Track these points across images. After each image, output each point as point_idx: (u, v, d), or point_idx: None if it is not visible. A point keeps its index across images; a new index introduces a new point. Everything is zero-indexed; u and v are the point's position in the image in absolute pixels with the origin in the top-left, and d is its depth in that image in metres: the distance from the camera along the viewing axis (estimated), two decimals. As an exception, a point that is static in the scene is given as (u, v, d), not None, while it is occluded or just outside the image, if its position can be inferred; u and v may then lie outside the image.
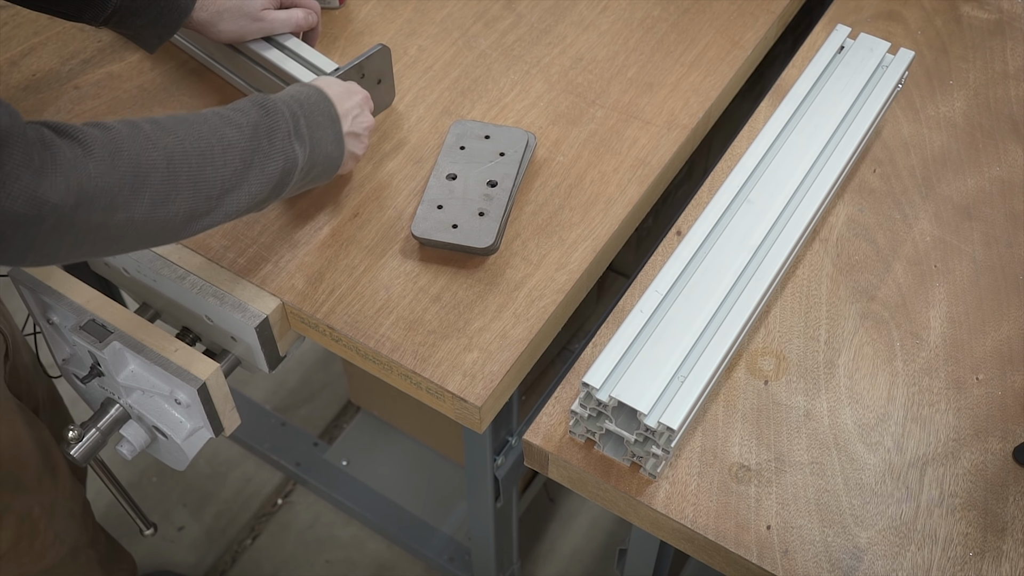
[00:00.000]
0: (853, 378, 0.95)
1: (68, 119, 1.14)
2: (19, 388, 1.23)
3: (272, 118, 0.89)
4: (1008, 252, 1.05)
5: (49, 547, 1.18)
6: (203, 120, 0.85)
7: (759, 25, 1.25)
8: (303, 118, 0.92)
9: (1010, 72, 1.22)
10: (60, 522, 1.19)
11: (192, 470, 1.87)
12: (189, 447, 1.07)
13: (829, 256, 1.04)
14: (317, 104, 0.94)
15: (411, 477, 1.81)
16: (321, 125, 0.94)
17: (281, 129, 0.89)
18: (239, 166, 0.85)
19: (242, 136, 0.86)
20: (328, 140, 0.95)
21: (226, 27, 1.06)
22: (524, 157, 1.07)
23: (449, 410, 0.96)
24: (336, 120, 0.96)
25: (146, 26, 1.02)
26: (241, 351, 1.05)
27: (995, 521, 0.86)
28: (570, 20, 1.26)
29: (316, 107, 0.94)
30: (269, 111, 0.89)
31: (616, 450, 0.90)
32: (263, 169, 0.87)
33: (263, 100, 0.90)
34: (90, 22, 1.02)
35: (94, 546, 1.30)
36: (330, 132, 0.95)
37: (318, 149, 0.94)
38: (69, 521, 1.22)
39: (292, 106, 0.91)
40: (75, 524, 1.24)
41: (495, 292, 1.00)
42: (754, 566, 0.84)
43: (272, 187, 0.89)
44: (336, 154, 0.97)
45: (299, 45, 1.12)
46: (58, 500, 1.19)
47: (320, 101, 0.95)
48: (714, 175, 1.11)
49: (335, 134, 0.96)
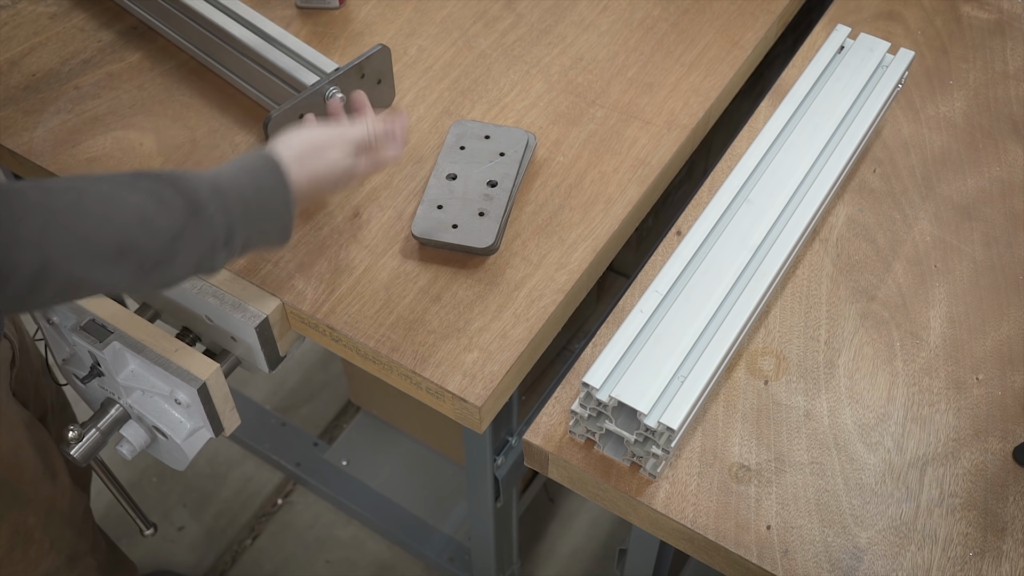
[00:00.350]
0: (853, 378, 0.95)
1: (68, 119, 1.14)
2: (26, 394, 1.23)
3: (200, 228, 0.80)
4: (1008, 252, 1.05)
5: (44, 555, 1.18)
6: (118, 211, 0.77)
7: (759, 25, 1.25)
8: (241, 228, 0.84)
9: (1010, 72, 1.22)
10: (56, 530, 1.19)
11: (192, 470, 1.87)
12: (189, 447, 1.07)
13: (829, 256, 1.04)
14: (266, 204, 0.87)
15: (411, 477, 1.81)
16: (263, 228, 0.87)
17: (204, 242, 0.81)
18: (141, 270, 0.78)
19: (155, 242, 0.78)
20: (270, 237, 0.89)
21: None
22: (524, 157, 1.07)
23: (449, 410, 0.96)
24: (286, 210, 0.88)
25: None
26: (241, 351, 1.05)
27: (995, 521, 0.86)
28: (570, 20, 1.26)
29: (264, 208, 0.86)
30: (200, 219, 0.80)
31: (616, 450, 0.90)
32: (164, 274, 0.81)
33: (196, 203, 0.80)
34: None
35: (94, 553, 1.29)
36: (274, 231, 0.89)
37: (250, 248, 0.88)
38: (66, 528, 1.21)
39: (231, 214, 0.83)
40: (72, 531, 1.23)
41: (495, 292, 1.00)
42: (754, 566, 0.84)
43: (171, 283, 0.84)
44: (277, 241, 0.90)
45: (299, 45, 1.12)
46: (56, 507, 1.18)
47: (272, 197, 0.87)
48: (714, 175, 1.11)
49: (280, 229, 0.89)
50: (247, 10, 1.16)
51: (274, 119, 1.03)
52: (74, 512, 1.23)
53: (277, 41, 1.11)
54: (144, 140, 1.13)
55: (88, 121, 1.15)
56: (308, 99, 1.05)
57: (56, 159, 1.11)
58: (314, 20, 1.26)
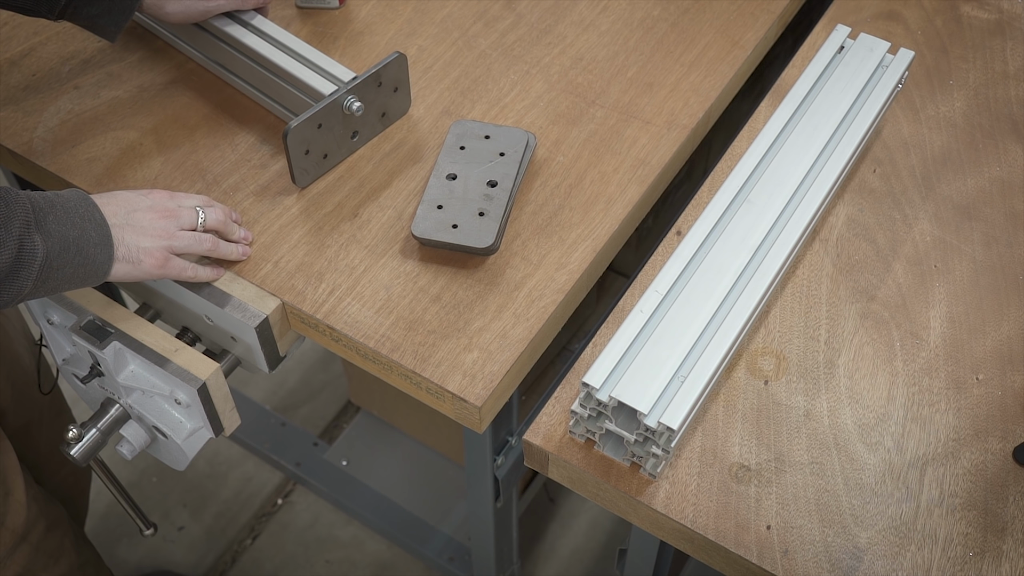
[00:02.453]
0: (853, 378, 0.95)
1: (68, 119, 1.14)
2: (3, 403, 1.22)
3: (9, 208, 0.83)
4: (1008, 252, 1.05)
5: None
6: None
7: (759, 25, 1.25)
8: (51, 213, 0.86)
9: (1010, 72, 1.22)
10: (4, 549, 1.17)
11: (192, 470, 1.87)
12: (189, 447, 1.07)
13: (829, 256, 1.04)
14: (75, 207, 0.89)
15: (411, 477, 1.81)
16: (75, 224, 0.88)
17: (17, 218, 0.83)
18: None
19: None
20: (88, 241, 0.89)
21: (172, 8, 1.09)
22: (524, 157, 1.07)
23: (449, 410, 0.96)
24: (102, 224, 0.90)
25: (101, 15, 1.03)
26: (241, 351, 1.05)
27: (995, 521, 0.86)
28: (570, 20, 1.26)
29: (71, 207, 0.88)
30: (7, 200, 0.83)
31: (616, 450, 0.90)
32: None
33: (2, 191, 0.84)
34: (47, 15, 1.03)
35: (52, 568, 1.27)
36: (91, 231, 0.89)
37: (70, 246, 0.87)
38: (20, 546, 1.19)
39: (38, 200, 0.86)
40: (27, 548, 1.21)
41: (495, 292, 1.00)
42: (754, 566, 0.84)
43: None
44: (99, 254, 0.90)
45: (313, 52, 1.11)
46: (5, 525, 1.16)
47: (79, 205, 0.89)
48: (714, 175, 1.11)
49: (100, 236, 0.90)
50: (253, 15, 1.15)
51: (293, 130, 1.02)
52: (31, 529, 1.21)
53: (289, 48, 1.11)
54: (144, 140, 1.13)
55: (88, 121, 1.15)
56: (326, 109, 1.05)
57: (56, 159, 1.11)
58: (314, 20, 1.26)
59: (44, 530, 1.25)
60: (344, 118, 1.07)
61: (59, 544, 1.29)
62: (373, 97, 1.09)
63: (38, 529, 1.23)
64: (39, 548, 1.24)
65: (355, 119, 1.09)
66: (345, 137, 1.10)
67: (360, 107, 1.06)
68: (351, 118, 1.08)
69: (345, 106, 1.06)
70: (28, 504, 1.20)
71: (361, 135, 1.11)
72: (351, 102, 1.06)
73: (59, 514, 1.29)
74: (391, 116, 1.13)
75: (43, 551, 1.25)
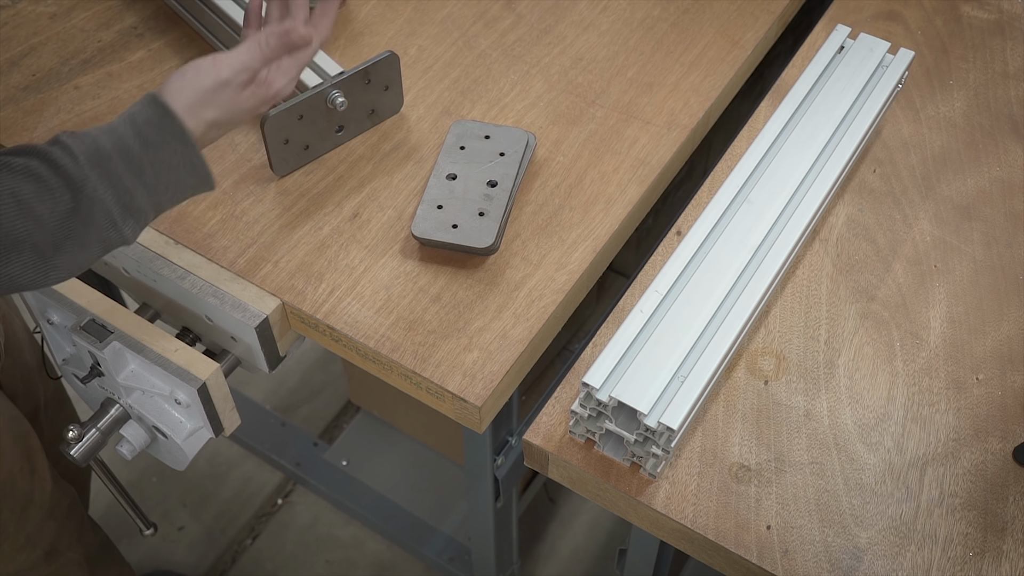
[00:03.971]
0: (853, 378, 0.95)
1: (68, 119, 1.14)
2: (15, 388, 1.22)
3: (85, 206, 0.77)
4: (1008, 252, 1.05)
5: (19, 550, 1.17)
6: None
7: (759, 25, 1.25)
8: (140, 189, 0.80)
9: (1010, 72, 1.22)
10: (34, 524, 1.18)
11: (192, 470, 1.87)
12: (189, 447, 1.07)
13: (829, 256, 1.04)
14: (160, 158, 0.81)
15: (411, 477, 1.81)
16: (169, 182, 0.83)
17: (97, 218, 0.78)
18: (41, 259, 0.75)
19: (42, 229, 0.75)
20: (183, 187, 0.85)
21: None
22: (524, 157, 1.07)
23: (449, 410, 0.96)
24: (188, 158, 0.83)
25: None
26: (241, 351, 1.05)
27: (995, 521, 0.86)
28: (570, 20, 1.26)
29: (159, 162, 0.81)
30: (82, 196, 0.76)
31: (616, 450, 0.90)
32: (68, 258, 0.77)
33: (73, 180, 0.76)
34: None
35: (76, 547, 1.28)
36: (184, 181, 0.84)
37: (167, 204, 0.84)
38: (45, 523, 1.21)
39: (120, 180, 0.79)
40: (53, 525, 1.22)
41: (495, 292, 1.00)
42: (754, 566, 0.84)
43: (82, 265, 0.80)
44: (197, 189, 0.86)
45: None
46: (34, 501, 1.18)
47: (165, 148, 0.82)
48: (714, 175, 1.11)
49: (192, 176, 0.85)
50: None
51: (271, 119, 1.02)
52: (55, 506, 1.22)
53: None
54: (144, 140, 1.13)
55: (88, 121, 1.15)
56: (308, 101, 1.05)
57: (56, 159, 1.11)
58: (314, 20, 1.26)
59: (67, 508, 1.26)
60: (328, 112, 1.07)
61: (79, 523, 1.30)
62: (361, 94, 1.09)
63: (62, 506, 1.24)
64: (64, 526, 1.25)
65: (340, 114, 1.09)
66: (329, 131, 1.10)
67: (344, 102, 1.06)
68: (335, 112, 1.08)
69: (329, 100, 1.06)
70: (54, 480, 1.21)
71: (347, 130, 1.12)
72: (335, 96, 1.06)
73: (74, 495, 1.30)
74: (381, 114, 1.13)
75: (67, 529, 1.26)
